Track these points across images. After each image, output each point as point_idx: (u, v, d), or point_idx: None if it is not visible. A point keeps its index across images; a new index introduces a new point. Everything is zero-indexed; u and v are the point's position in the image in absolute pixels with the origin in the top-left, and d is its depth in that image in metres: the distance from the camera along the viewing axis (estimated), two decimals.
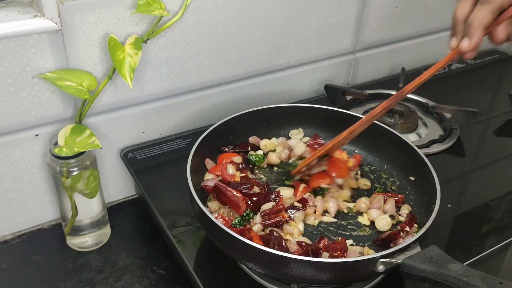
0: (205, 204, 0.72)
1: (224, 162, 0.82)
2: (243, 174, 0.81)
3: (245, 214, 0.73)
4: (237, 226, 0.71)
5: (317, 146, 0.88)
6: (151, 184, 0.85)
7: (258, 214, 0.73)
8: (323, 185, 0.81)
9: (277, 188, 0.80)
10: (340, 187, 0.82)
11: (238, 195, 0.73)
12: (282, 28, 0.97)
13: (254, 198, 0.74)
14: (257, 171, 0.85)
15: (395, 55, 1.20)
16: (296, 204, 0.77)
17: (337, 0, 1.01)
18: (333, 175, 0.83)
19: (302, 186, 0.80)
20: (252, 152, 0.86)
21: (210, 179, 0.78)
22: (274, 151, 0.88)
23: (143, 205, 0.91)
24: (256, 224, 0.72)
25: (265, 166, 0.86)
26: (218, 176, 0.80)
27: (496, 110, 1.15)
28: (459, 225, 0.83)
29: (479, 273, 0.58)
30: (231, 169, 0.79)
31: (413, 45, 1.21)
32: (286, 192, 0.78)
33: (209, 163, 0.83)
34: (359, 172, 0.86)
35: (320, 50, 1.05)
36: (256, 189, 0.77)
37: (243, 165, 0.82)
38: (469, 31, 0.62)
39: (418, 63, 1.26)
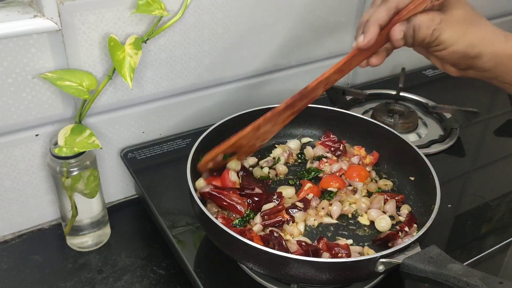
0: (205, 204, 0.72)
1: (226, 168, 0.80)
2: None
3: (245, 214, 0.73)
4: (237, 226, 0.71)
5: (330, 144, 0.88)
6: (151, 184, 0.85)
7: (258, 214, 0.73)
8: (332, 189, 0.80)
9: (278, 188, 0.80)
10: (354, 191, 0.81)
11: (235, 199, 0.73)
12: (282, 28, 0.97)
13: (256, 198, 0.74)
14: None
15: (395, 55, 1.18)
16: (298, 203, 0.77)
17: (337, 0, 1.01)
18: (354, 175, 0.82)
19: (308, 185, 0.80)
20: (258, 169, 0.84)
21: (204, 186, 0.76)
22: (279, 160, 0.86)
23: (143, 205, 0.91)
24: (256, 224, 0.72)
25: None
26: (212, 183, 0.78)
27: (496, 110, 1.15)
28: (459, 225, 0.83)
29: (479, 273, 0.58)
30: (233, 176, 0.78)
31: None
32: (287, 191, 0.78)
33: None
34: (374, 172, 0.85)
35: (320, 50, 1.05)
36: (257, 190, 0.77)
37: (243, 171, 0.81)
38: (365, 28, 0.65)
39: (418, 63, 1.26)
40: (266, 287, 0.71)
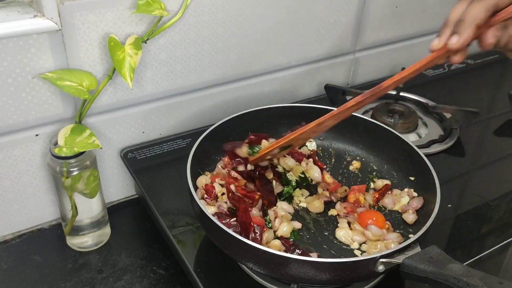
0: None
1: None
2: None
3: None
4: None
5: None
6: (151, 184, 0.85)
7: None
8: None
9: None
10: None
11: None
12: (282, 28, 0.97)
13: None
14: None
15: (395, 55, 1.20)
16: None
17: (337, 0, 1.01)
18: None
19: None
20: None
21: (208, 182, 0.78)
22: None
23: (143, 205, 0.91)
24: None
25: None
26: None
27: (496, 110, 1.15)
28: (459, 225, 0.83)
29: (479, 273, 0.58)
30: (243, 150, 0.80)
31: (413, 45, 1.21)
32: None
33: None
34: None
35: (320, 50, 1.05)
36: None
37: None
38: (460, 28, 0.59)
39: None
40: (266, 287, 0.71)
